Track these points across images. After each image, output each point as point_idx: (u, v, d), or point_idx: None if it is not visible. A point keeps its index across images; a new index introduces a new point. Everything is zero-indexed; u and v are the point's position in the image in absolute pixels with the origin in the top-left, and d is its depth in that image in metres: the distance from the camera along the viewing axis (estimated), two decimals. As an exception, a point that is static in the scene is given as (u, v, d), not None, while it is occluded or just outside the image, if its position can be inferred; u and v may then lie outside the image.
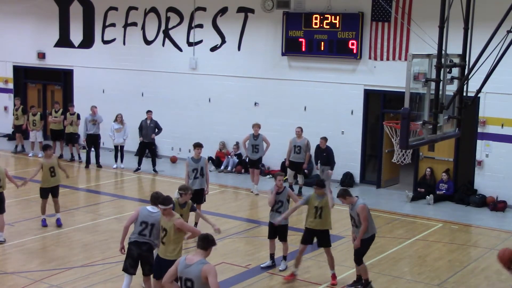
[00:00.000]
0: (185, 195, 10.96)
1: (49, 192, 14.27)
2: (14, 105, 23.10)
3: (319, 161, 17.50)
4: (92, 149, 20.56)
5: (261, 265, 11.94)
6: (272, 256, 11.97)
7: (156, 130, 20.00)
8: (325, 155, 17.28)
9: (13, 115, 22.87)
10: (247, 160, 18.40)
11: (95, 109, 20.50)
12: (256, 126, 17.75)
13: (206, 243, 7.25)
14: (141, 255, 9.60)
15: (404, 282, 11.52)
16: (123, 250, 9.90)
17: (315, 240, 11.38)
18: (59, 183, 14.43)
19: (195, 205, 13.65)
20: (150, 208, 9.70)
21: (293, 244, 13.22)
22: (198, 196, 13.76)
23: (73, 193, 17.40)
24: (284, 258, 11.88)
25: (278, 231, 11.80)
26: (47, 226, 14.12)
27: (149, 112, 20.02)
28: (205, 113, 21.25)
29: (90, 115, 20.46)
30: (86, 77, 23.57)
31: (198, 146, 13.95)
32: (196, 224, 13.87)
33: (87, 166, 20.47)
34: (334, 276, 11.30)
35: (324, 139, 17.43)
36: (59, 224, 14.28)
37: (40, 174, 14.18)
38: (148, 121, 19.92)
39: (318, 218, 11.14)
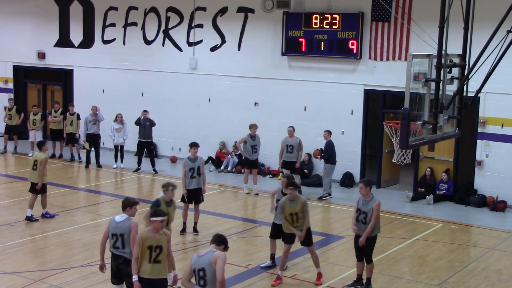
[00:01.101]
0: (167, 191, 10.91)
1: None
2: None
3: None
4: (92, 149, 20.56)
5: (261, 265, 11.94)
6: (272, 256, 11.95)
7: (153, 124, 19.96)
8: (324, 147, 17.24)
9: (7, 115, 22.48)
10: (244, 160, 18.34)
11: (95, 109, 20.49)
12: (254, 127, 17.75)
13: (220, 240, 7.70)
14: (118, 267, 9.12)
15: (404, 282, 11.52)
16: (103, 268, 9.39)
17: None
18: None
19: (192, 204, 13.76)
20: (117, 217, 9.13)
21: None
22: (196, 196, 13.77)
23: (73, 193, 17.40)
24: None
25: (282, 232, 11.77)
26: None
27: (145, 111, 19.98)
28: (205, 113, 21.25)
29: (91, 115, 20.46)
30: (86, 77, 23.57)
31: (194, 145, 13.90)
32: (196, 223, 13.86)
33: (87, 166, 20.48)
34: (319, 275, 11.28)
35: (328, 132, 17.36)
36: (34, 219, 14.56)
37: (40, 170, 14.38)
38: (145, 120, 19.89)
39: (296, 222, 11.09)
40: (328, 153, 17.18)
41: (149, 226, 8.70)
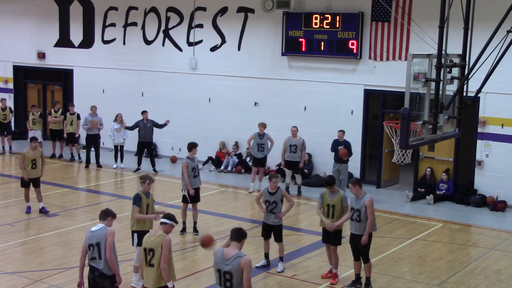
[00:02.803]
0: (144, 183, 10.93)
1: (29, 182, 15.00)
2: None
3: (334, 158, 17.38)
4: (92, 149, 20.57)
5: (256, 265, 11.97)
6: (266, 255, 12.02)
7: (158, 125, 19.97)
8: (343, 148, 17.23)
9: (1, 115, 22.28)
10: (250, 159, 18.33)
11: (95, 109, 20.49)
12: (261, 125, 17.80)
13: (240, 235, 7.65)
14: (95, 280, 8.79)
15: (404, 282, 11.52)
16: (82, 286, 9.00)
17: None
18: (39, 175, 15.11)
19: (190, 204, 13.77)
20: (93, 228, 8.93)
21: (292, 244, 13.24)
22: (196, 195, 13.76)
23: (73, 193, 17.40)
24: (281, 259, 11.86)
25: (273, 232, 11.82)
26: (31, 213, 15.00)
27: (145, 112, 19.97)
28: (205, 113, 21.26)
29: (90, 114, 20.45)
30: (86, 77, 23.58)
31: (196, 146, 13.93)
32: (195, 223, 13.85)
33: (87, 166, 20.47)
34: (335, 275, 11.32)
35: (342, 132, 17.38)
36: (45, 211, 15.04)
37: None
38: (145, 121, 19.89)
39: (330, 217, 11.18)
40: (350, 152, 17.23)
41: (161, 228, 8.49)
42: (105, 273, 8.70)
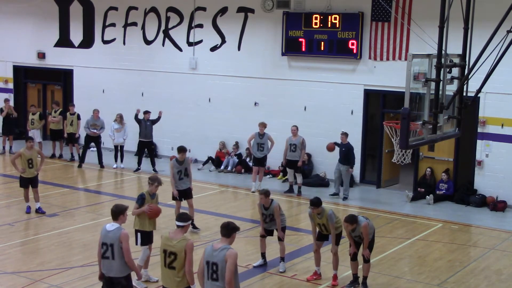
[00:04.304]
0: (152, 185, 11.01)
1: (28, 182, 15.09)
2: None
3: (338, 159, 17.39)
4: (94, 149, 20.55)
5: (254, 265, 11.98)
6: (263, 255, 12.05)
7: (155, 120, 19.96)
8: (344, 150, 17.21)
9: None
10: (250, 159, 18.34)
11: (98, 113, 20.45)
12: (262, 125, 17.83)
13: (229, 230, 7.72)
14: (111, 278, 8.62)
15: (404, 282, 11.52)
16: (103, 278, 8.85)
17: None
18: (35, 174, 15.15)
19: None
20: (108, 226, 8.62)
21: (292, 244, 13.25)
22: (186, 194, 13.83)
23: (73, 193, 17.40)
24: (282, 259, 11.86)
25: (271, 232, 11.86)
26: (30, 213, 15.00)
27: (147, 112, 19.91)
28: (205, 113, 21.25)
29: (92, 117, 20.42)
30: (86, 77, 23.57)
31: (183, 151, 13.89)
32: (192, 220, 13.84)
33: (80, 166, 20.31)
34: (335, 277, 11.32)
35: (345, 134, 17.35)
36: (41, 211, 15.04)
37: (21, 164, 14.96)
38: (146, 121, 19.89)
39: (325, 231, 11.32)
40: (350, 156, 17.19)
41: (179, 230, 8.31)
42: (118, 275, 8.59)
